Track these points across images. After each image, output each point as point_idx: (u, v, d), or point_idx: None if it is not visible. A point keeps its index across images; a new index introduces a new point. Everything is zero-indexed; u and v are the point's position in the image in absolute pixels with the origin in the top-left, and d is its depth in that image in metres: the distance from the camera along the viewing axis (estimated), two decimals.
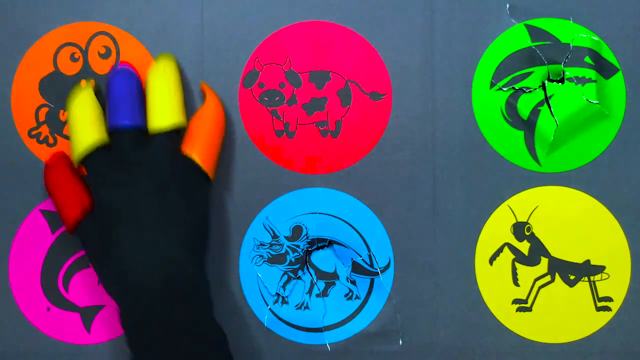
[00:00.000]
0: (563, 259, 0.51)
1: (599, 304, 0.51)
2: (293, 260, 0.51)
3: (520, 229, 0.51)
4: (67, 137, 0.52)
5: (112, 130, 0.48)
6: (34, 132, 0.52)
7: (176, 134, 0.48)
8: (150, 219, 0.46)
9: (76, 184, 0.48)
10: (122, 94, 0.48)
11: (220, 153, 0.50)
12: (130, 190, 0.46)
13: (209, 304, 0.47)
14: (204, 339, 0.45)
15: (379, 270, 0.51)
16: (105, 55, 0.52)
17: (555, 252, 0.51)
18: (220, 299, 0.51)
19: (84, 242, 0.48)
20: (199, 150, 0.48)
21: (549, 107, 0.51)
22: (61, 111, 0.52)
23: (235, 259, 0.52)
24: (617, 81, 0.52)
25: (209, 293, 0.47)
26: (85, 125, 0.48)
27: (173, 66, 0.50)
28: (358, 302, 0.51)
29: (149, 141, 0.48)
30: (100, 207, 0.47)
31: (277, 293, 0.51)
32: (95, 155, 0.47)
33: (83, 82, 0.50)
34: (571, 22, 0.52)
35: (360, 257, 0.51)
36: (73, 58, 0.52)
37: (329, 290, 0.52)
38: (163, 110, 0.48)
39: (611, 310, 0.51)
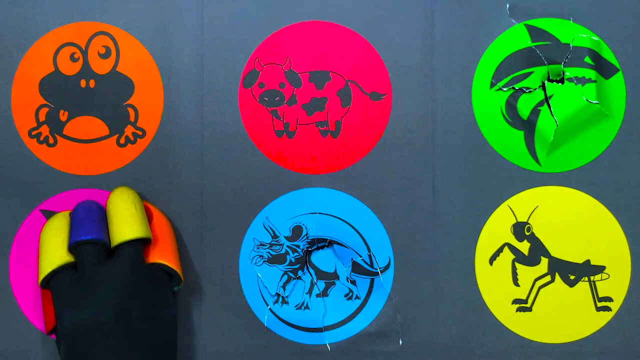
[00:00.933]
0: (563, 259, 0.51)
1: (599, 304, 0.51)
2: (293, 260, 0.51)
3: (520, 229, 0.51)
4: (67, 138, 0.52)
5: (74, 247, 0.46)
6: (34, 132, 0.52)
7: (140, 245, 0.47)
8: (116, 342, 0.44)
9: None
10: (83, 214, 0.47)
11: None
12: (94, 311, 0.45)
13: None
14: None
15: (379, 270, 0.51)
16: (105, 55, 0.52)
17: (555, 252, 0.51)
18: (220, 299, 0.51)
19: (58, 350, 0.47)
20: (167, 254, 0.48)
21: (549, 107, 0.51)
22: (61, 111, 0.52)
23: (235, 259, 0.52)
24: (617, 81, 0.52)
25: None
26: (51, 249, 0.47)
27: (132, 191, 0.49)
28: (358, 302, 0.51)
29: (112, 256, 0.47)
30: (64, 330, 0.45)
31: (277, 293, 0.51)
32: (58, 277, 0.46)
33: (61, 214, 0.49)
34: (571, 22, 0.52)
35: (360, 257, 0.51)
36: (73, 58, 0.52)
37: (329, 290, 0.52)
38: (124, 224, 0.47)
39: (611, 310, 0.51)
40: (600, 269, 0.51)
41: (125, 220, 0.47)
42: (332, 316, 0.51)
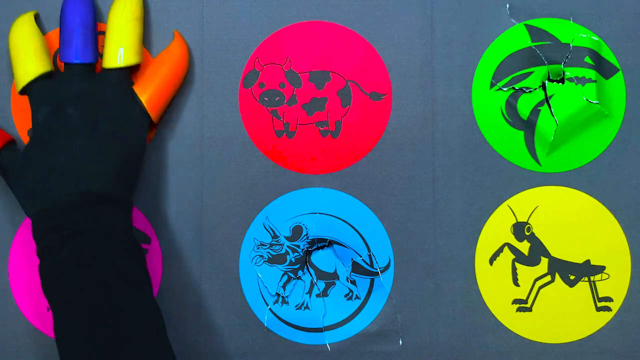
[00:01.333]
0: (563, 259, 0.51)
1: (599, 304, 0.51)
2: (293, 260, 0.51)
3: (520, 229, 0.51)
4: None
5: (63, 63, 0.49)
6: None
7: (128, 71, 0.49)
8: (79, 138, 0.47)
9: None
10: (74, 26, 0.49)
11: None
12: (67, 111, 0.47)
13: (128, 221, 0.47)
14: (119, 252, 0.45)
15: (379, 270, 0.51)
16: None
17: (555, 252, 0.51)
18: (220, 299, 0.51)
19: (4, 171, 0.48)
20: (150, 93, 0.49)
21: (549, 107, 0.51)
22: None
23: (235, 259, 0.52)
24: (617, 81, 0.52)
25: (129, 214, 0.47)
26: (28, 56, 0.49)
27: (134, 4, 0.50)
28: (358, 302, 0.51)
29: (98, 75, 0.49)
30: (35, 125, 0.47)
31: (277, 293, 0.51)
32: (39, 82, 0.48)
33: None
34: (571, 22, 0.52)
35: (360, 257, 0.51)
36: None
37: (329, 290, 0.52)
38: (117, 51, 0.49)
39: (611, 310, 0.51)
40: (600, 269, 0.51)
41: (114, 45, 0.49)
42: (332, 316, 0.51)
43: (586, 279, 0.51)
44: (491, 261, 0.51)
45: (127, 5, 0.49)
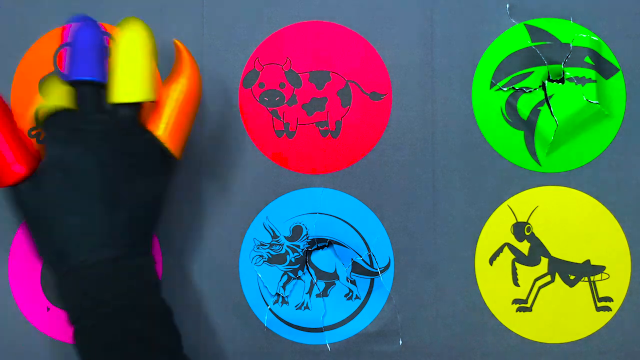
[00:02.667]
0: (563, 259, 0.51)
1: (599, 304, 0.51)
2: (293, 260, 0.51)
3: (520, 229, 0.51)
4: None
5: (73, 84, 0.45)
6: (33, 132, 0.52)
7: (138, 109, 0.45)
8: (96, 194, 0.43)
9: (23, 141, 0.45)
10: (84, 46, 0.45)
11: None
12: (82, 155, 0.44)
13: (154, 282, 0.45)
14: (146, 315, 0.44)
15: (379, 270, 0.51)
16: None
17: (555, 252, 0.51)
18: (220, 299, 0.51)
19: (22, 205, 0.45)
20: (166, 128, 0.45)
21: (549, 107, 0.51)
22: None
23: (235, 259, 0.52)
24: (617, 81, 0.52)
25: (153, 271, 0.46)
26: (52, 98, 0.45)
27: (143, 34, 0.45)
28: (358, 302, 0.51)
29: (112, 110, 0.45)
30: (49, 167, 0.44)
31: (277, 293, 0.51)
32: (55, 116, 0.45)
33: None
34: (571, 22, 0.52)
35: (360, 257, 0.51)
36: None
37: (329, 290, 0.52)
38: (129, 85, 0.45)
39: (611, 310, 0.51)
40: (600, 269, 0.51)
41: (129, 78, 0.45)
42: (332, 316, 0.51)
43: (586, 279, 0.51)
44: (491, 261, 0.51)
45: (136, 37, 0.45)
